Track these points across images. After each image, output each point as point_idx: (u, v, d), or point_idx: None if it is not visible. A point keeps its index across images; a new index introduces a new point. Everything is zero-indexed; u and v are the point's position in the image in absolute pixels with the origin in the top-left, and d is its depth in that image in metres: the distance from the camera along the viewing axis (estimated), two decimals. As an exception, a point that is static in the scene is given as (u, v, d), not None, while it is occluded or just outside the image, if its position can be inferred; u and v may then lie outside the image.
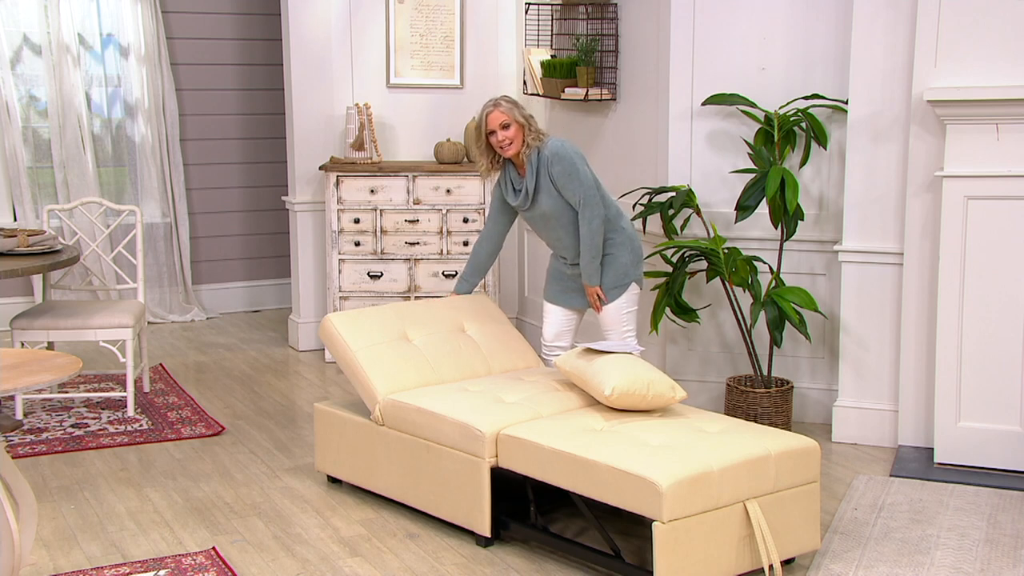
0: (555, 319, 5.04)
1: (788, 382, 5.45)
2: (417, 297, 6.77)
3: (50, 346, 5.82)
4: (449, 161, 6.80)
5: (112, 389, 6.17)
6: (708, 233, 5.45)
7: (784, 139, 5.37)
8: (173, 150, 7.88)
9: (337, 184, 6.73)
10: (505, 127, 4.73)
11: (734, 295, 5.39)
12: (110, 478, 4.93)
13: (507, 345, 4.96)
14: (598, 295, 4.86)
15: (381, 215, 6.75)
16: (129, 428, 5.57)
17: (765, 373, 5.50)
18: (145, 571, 3.97)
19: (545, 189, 4.78)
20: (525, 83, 6.67)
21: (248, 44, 8.08)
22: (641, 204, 5.60)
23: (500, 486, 4.19)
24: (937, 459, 5.02)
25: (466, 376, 4.73)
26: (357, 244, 6.77)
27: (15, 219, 7.56)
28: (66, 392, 6.09)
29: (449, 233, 6.77)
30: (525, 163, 4.78)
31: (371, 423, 4.58)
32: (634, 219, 5.53)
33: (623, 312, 4.90)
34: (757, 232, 5.56)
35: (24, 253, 5.56)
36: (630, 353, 4.43)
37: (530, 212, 4.89)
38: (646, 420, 4.16)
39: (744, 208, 5.31)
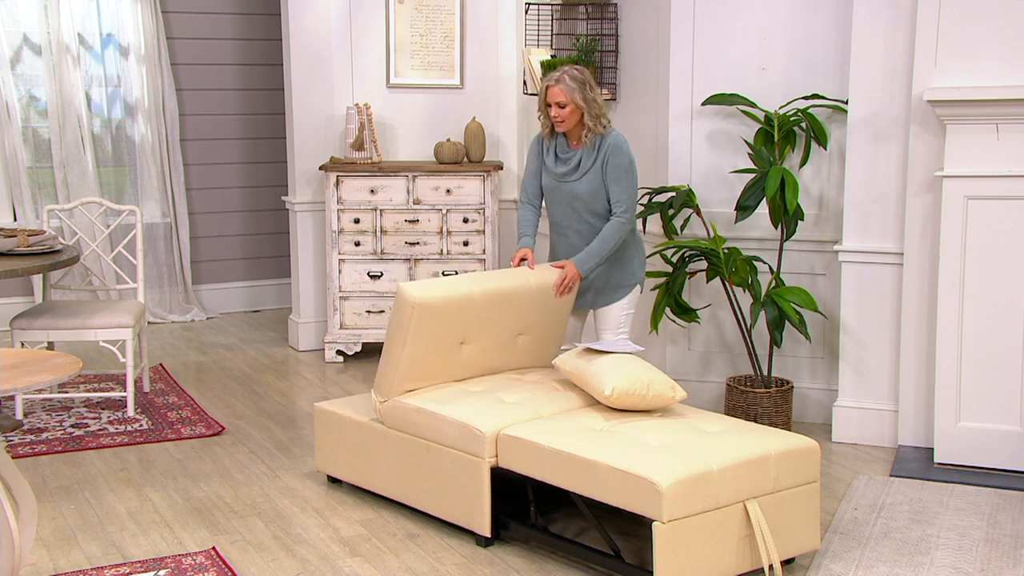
0: None
1: (788, 382, 5.45)
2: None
3: (50, 346, 5.82)
4: (449, 161, 6.80)
5: (112, 389, 6.17)
6: (708, 233, 5.45)
7: (784, 139, 5.37)
8: (173, 150, 7.88)
9: (337, 184, 6.73)
10: (561, 106, 4.67)
11: (734, 295, 5.39)
12: (110, 478, 4.93)
13: (542, 354, 4.85)
14: (567, 281, 4.69)
15: (381, 215, 6.75)
16: (129, 428, 5.57)
17: (765, 373, 5.50)
18: (145, 571, 3.97)
19: (592, 172, 4.72)
20: (525, 83, 6.67)
21: (248, 44, 8.08)
22: (641, 204, 5.59)
23: (500, 486, 4.19)
24: (937, 459, 5.02)
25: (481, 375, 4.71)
26: (357, 244, 6.77)
27: (15, 219, 7.57)
28: (66, 392, 6.08)
29: (449, 233, 6.77)
30: (583, 141, 4.72)
31: (371, 423, 4.57)
32: (634, 219, 5.54)
33: (623, 312, 4.90)
34: (757, 232, 5.56)
35: (24, 253, 5.56)
36: (630, 353, 4.43)
37: (567, 185, 4.76)
38: (646, 420, 4.16)
39: (744, 208, 5.31)
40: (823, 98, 5.34)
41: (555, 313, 4.81)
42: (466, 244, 6.75)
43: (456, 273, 6.58)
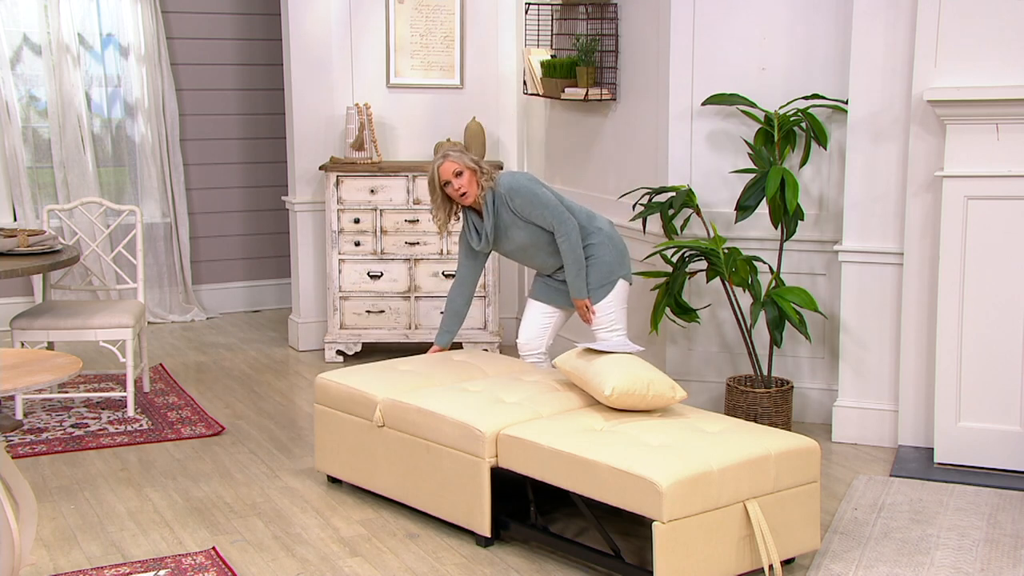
0: (533, 315, 5.10)
1: (788, 382, 5.45)
2: (417, 297, 6.78)
3: (50, 346, 5.82)
4: (449, 161, 6.80)
5: (112, 389, 6.17)
6: (708, 233, 5.45)
7: (784, 139, 5.37)
8: (173, 150, 7.88)
9: (337, 184, 6.73)
10: (458, 175, 4.81)
11: (734, 295, 5.39)
12: (110, 478, 4.93)
13: (498, 360, 5.04)
14: (587, 307, 4.94)
15: (381, 215, 6.75)
16: (129, 428, 5.57)
17: (765, 373, 5.50)
18: (145, 571, 3.97)
19: (512, 224, 4.87)
20: (525, 83, 6.67)
21: (248, 44, 8.08)
22: (641, 204, 5.60)
23: (500, 486, 4.19)
24: (937, 459, 5.02)
25: (463, 380, 4.75)
26: (357, 244, 6.77)
27: (15, 219, 7.56)
28: (66, 392, 6.08)
29: (449, 233, 6.76)
30: (482, 206, 4.86)
31: (371, 423, 4.57)
32: (634, 219, 5.53)
33: (611, 311, 4.93)
34: (757, 232, 5.56)
35: (24, 253, 5.56)
36: (630, 353, 4.43)
37: (505, 248, 4.98)
38: (646, 420, 4.16)
39: (744, 208, 5.31)
40: (823, 98, 5.34)
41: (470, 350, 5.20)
42: (466, 244, 6.75)
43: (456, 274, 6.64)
